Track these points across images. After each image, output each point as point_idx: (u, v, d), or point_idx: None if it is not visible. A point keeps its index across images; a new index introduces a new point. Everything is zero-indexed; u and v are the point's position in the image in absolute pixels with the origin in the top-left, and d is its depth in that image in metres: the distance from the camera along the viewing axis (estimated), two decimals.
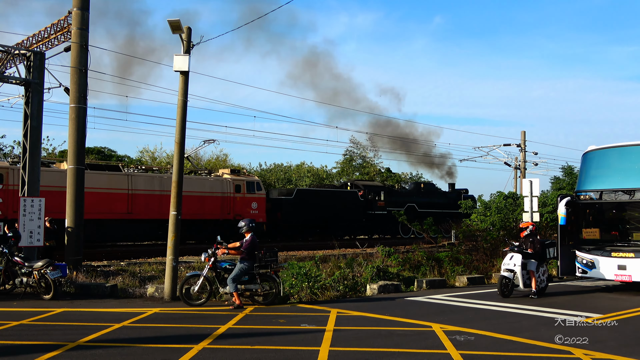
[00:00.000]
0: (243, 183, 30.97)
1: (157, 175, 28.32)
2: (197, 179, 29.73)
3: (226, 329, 9.95)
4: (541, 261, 14.48)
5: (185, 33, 13.84)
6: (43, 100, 17.26)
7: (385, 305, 12.93)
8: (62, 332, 9.66)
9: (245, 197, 30.80)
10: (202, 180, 29.67)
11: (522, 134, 43.50)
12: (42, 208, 16.24)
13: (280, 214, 32.75)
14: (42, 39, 18.43)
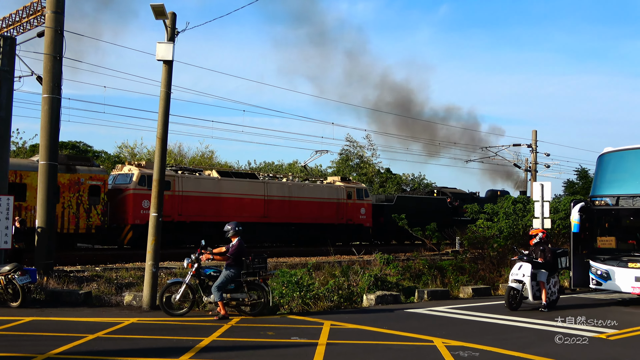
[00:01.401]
0: (354, 190, 37.07)
1: (287, 182, 34.75)
2: (317, 186, 35.84)
3: (210, 342, 9.94)
4: (552, 271, 14.52)
5: (170, 19, 13.82)
6: (13, 90, 17.17)
7: (383, 317, 12.94)
8: (31, 343, 9.62)
9: (355, 203, 36.80)
10: (322, 188, 35.77)
11: (533, 133, 43.68)
12: (10, 207, 16.14)
13: (382, 218, 37.84)
14: (13, 23, 18.36)
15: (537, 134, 43.50)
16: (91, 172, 27.56)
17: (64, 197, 26.28)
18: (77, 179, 27.02)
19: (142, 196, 28.13)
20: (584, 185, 51.43)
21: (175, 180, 29.34)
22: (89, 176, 27.31)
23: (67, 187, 26.55)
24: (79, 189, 26.96)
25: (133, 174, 28.71)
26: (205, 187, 30.36)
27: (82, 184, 27.11)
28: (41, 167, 17.21)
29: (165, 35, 13.91)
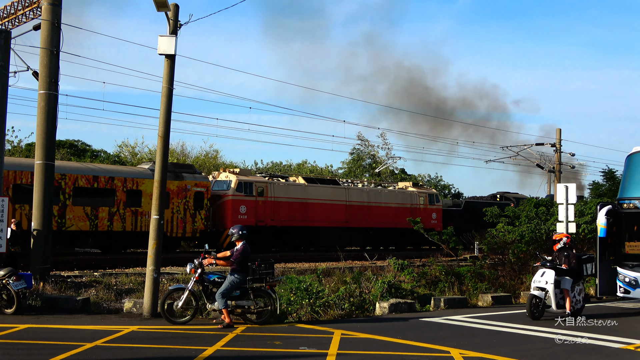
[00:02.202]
0: (426, 195, 40.53)
1: (365, 188, 37.98)
2: (392, 192, 39.14)
3: (214, 351, 9.95)
4: (577, 279, 14.44)
5: (172, 11, 13.87)
6: (8, 85, 17.29)
7: (397, 326, 12.92)
8: (26, 352, 9.68)
9: (427, 208, 39.82)
10: (396, 193, 39.18)
11: (557, 132, 43.48)
12: (4, 209, 16.25)
13: (452, 223, 38.32)
14: (8, 16, 18.47)
15: (561, 133, 43.29)
16: (196, 179, 30.98)
17: (172, 203, 29.63)
18: (184, 186, 30.30)
19: (239, 202, 31.66)
20: (611, 187, 51.15)
21: (268, 187, 32.86)
22: (194, 183, 30.64)
23: (176, 194, 29.90)
24: (186, 195, 30.27)
25: (231, 181, 31.92)
26: (294, 193, 33.93)
27: (189, 190, 30.40)
28: (37, 167, 17.29)
29: (168, 28, 13.96)
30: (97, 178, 27.92)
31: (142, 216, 28.48)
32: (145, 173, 29.21)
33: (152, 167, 27.76)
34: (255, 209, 32.08)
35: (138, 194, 28.63)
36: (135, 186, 28.64)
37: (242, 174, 32.60)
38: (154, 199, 14.02)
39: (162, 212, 13.92)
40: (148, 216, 25.65)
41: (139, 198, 28.65)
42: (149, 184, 27.23)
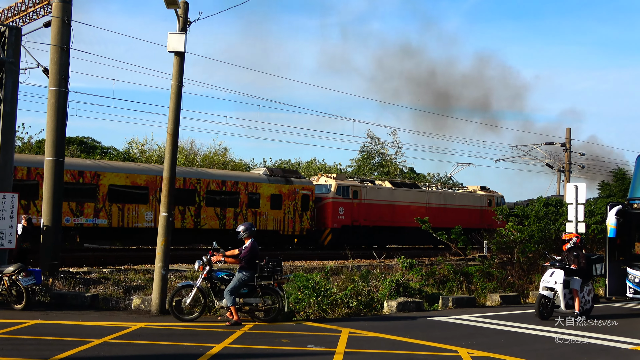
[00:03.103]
0: (493, 198, 43.49)
1: (441, 191, 41.50)
2: (464, 194, 42.38)
3: (221, 349, 9.96)
4: (586, 279, 14.37)
5: (182, 8, 13.89)
6: (18, 82, 17.34)
7: (405, 325, 12.90)
8: (35, 348, 9.72)
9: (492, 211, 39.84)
10: (468, 196, 42.45)
11: (567, 131, 43.30)
12: (14, 205, 16.31)
13: None
14: (19, 13, 18.55)
15: (571, 132, 43.10)
16: (302, 183, 34.96)
17: (284, 205, 33.54)
18: (293, 189, 34.07)
19: (338, 204, 35.26)
20: (622, 187, 50.84)
21: (362, 190, 36.44)
22: (302, 187, 34.49)
23: (287, 197, 33.67)
24: (295, 197, 33.98)
25: (331, 185, 35.54)
26: (383, 196, 37.58)
27: (297, 193, 34.15)
28: (47, 163, 17.36)
29: (177, 25, 13.98)
30: (225, 183, 31.81)
31: (260, 216, 32.65)
32: (261, 178, 33.43)
33: (266, 172, 34.40)
34: (351, 210, 35.44)
35: (257, 196, 32.64)
36: (254, 189, 32.60)
37: (339, 179, 36.69)
38: (163, 196, 14.03)
39: (170, 210, 13.93)
40: (265, 216, 32.53)
41: (258, 200, 32.68)
42: (265, 188, 32.84)
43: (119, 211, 28.15)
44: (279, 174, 34.65)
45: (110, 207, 27.89)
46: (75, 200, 26.81)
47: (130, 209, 28.52)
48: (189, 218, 30.15)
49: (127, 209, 28.40)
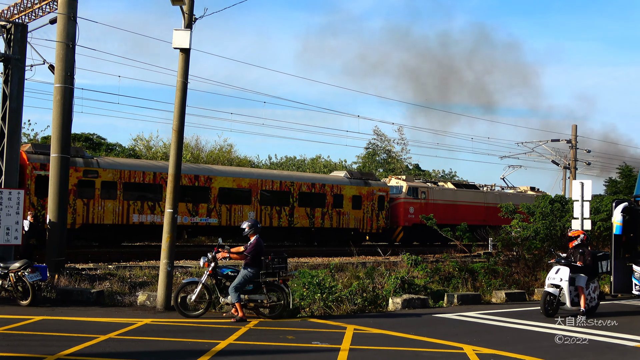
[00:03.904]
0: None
1: (496, 191, 44.33)
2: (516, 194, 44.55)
3: (226, 345, 9.98)
4: (592, 276, 14.33)
5: (187, 4, 13.87)
6: (24, 79, 17.37)
7: (410, 322, 12.89)
8: (41, 343, 9.75)
9: None
10: (520, 196, 44.01)
11: (573, 128, 43.22)
12: (20, 201, 16.36)
13: None
14: (25, 9, 18.59)
15: (577, 129, 42.98)
16: (379, 185, 38.50)
17: (364, 205, 37.10)
18: (371, 190, 37.60)
19: (409, 204, 38.87)
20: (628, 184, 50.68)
21: (429, 191, 40.14)
22: (378, 188, 37.99)
23: (366, 197, 37.24)
24: (372, 198, 37.50)
25: (402, 186, 39.20)
26: (447, 196, 40.85)
27: (374, 194, 37.70)
28: (53, 160, 17.41)
29: (183, 21, 13.97)
30: (314, 185, 35.47)
31: (343, 215, 36.14)
32: (343, 180, 37.09)
33: (347, 175, 38.19)
34: (420, 210, 38.04)
35: (340, 197, 36.11)
36: (339, 191, 36.12)
37: (408, 180, 40.31)
38: (168, 192, 14.04)
39: (175, 206, 13.95)
40: (347, 215, 36.21)
41: (341, 201, 36.12)
42: (347, 189, 36.52)
43: (227, 211, 31.80)
44: (357, 177, 38.31)
45: (220, 207, 31.49)
46: (191, 202, 30.42)
47: (236, 209, 32.12)
48: (284, 217, 33.84)
49: (233, 209, 32.05)
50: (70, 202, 25.60)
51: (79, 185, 27.27)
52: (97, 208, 27.98)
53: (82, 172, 27.50)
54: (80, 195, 27.43)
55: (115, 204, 28.46)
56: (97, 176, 28.01)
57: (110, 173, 28.46)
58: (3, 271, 13.83)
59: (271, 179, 33.82)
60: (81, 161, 27.72)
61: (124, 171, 28.91)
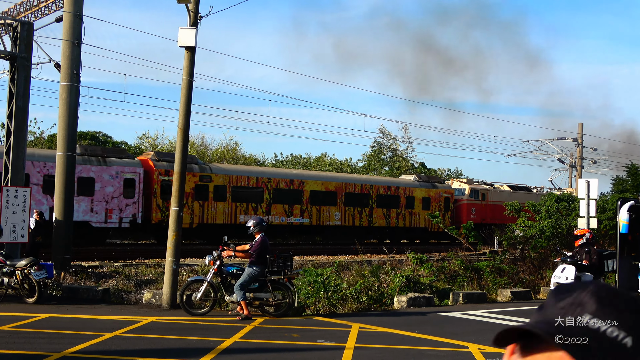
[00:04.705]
0: None
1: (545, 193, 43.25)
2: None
3: (232, 343, 9.99)
4: (598, 275, 14.29)
5: (192, 3, 13.88)
6: (30, 77, 17.43)
7: (415, 320, 12.89)
8: (47, 341, 9.78)
9: None
10: None
11: (579, 126, 43.09)
12: (27, 199, 16.42)
13: None
14: (31, 8, 18.64)
15: (583, 127, 42.86)
16: (444, 187, 41.19)
17: (432, 206, 39.56)
18: (438, 192, 40.32)
19: (471, 205, 41.53)
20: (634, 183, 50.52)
21: (488, 193, 42.81)
22: (444, 190, 40.70)
23: (434, 199, 39.96)
24: (439, 199, 40.18)
25: (465, 188, 41.94)
26: (504, 197, 41.95)
27: (441, 196, 40.26)
28: (59, 158, 17.45)
29: (188, 20, 13.98)
30: (389, 187, 38.39)
31: (414, 215, 39.00)
32: (414, 183, 39.85)
33: (416, 178, 40.84)
34: (480, 210, 41.53)
35: (412, 199, 38.91)
36: (410, 193, 38.95)
37: (469, 183, 42.93)
38: (174, 190, 14.06)
39: (181, 204, 13.97)
40: (418, 215, 38.82)
41: (413, 202, 38.95)
42: (417, 191, 39.29)
43: (317, 212, 34.86)
44: (425, 180, 40.87)
45: (311, 208, 34.55)
46: (287, 204, 33.52)
47: (324, 210, 35.15)
48: (364, 217, 36.72)
49: (322, 210, 35.08)
50: (189, 204, 29.70)
51: (195, 189, 30.45)
52: (211, 209, 31.14)
53: (198, 177, 30.64)
54: (197, 198, 30.55)
55: (225, 205, 31.63)
56: (210, 181, 31.19)
57: (221, 178, 31.56)
58: (9, 269, 13.87)
59: (353, 182, 37.07)
60: (197, 167, 30.83)
61: (232, 176, 32.11)
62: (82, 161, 26.70)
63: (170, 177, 26.54)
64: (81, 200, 26.73)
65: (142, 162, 29.62)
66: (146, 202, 29.34)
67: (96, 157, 27.92)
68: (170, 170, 26.55)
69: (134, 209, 28.66)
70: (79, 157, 25.28)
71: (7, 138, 17.37)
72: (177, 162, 14.12)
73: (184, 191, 14.14)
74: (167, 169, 28.84)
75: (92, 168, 27.51)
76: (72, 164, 17.63)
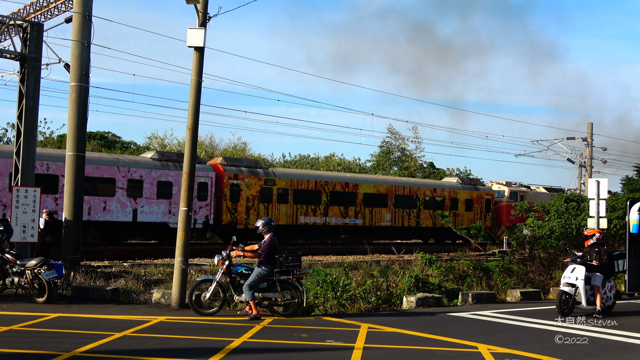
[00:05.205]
0: None
1: None
2: None
3: (241, 343, 9.99)
4: (608, 275, 14.22)
5: (201, 3, 13.90)
6: (40, 78, 17.51)
7: (424, 320, 12.85)
8: (56, 341, 9.81)
9: None
10: None
11: (588, 126, 42.90)
12: (37, 199, 16.49)
13: None
14: (41, 8, 18.71)
15: (593, 127, 42.67)
16: (485, 190, 43.19)
17: (474, 207, 41.89)
18: (480, 194, 42.37)
19: (510, 206, 41.89)
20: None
21: (526, 195, 44.19)
22: (485, 192, 42.80)
23: (476, 201, 42.01)
24: (481, 201, 42.29)
25: (504, 190, 43.64)
26: (540, 199, 41.37)
27: (482, 198, 42.46)
28: (68, 158, 17.51)
29: (197, 20, 14.00)
30: (435, 190, 40.55)
31: (458, 216, 40.82)
32: (457, 186, 41.96)
33: (459, 180, 42.78)
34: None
35: (456, 201, 41.27)
36: (455, 195, 41.30)
37: (508, 185, 44.46)
38: (183, 190, 14.08)
39: (190, 204, 13.99)
40: (462, 217, 40.65)
41: (457, 203, 41.29)
42: (461, 194, 41.56)
43: (370, 213, 36.87)
44: (467, 182, 42.89)
45: (364, 210, 36.57)
46: (342, 205, 35.75)
47: (375, 211, 37.15)
48: (412, 218, 38.90)
49: (374, 211, 37.10)
50: (255, 206, 32.41)
51: (261, 192, 32.90)
52: (274, 211, 33.36)
53: (263, 180, 33.05)
54: (262, 200, 32.89)
55: (287, 207, 33.90)
56: (274, 184, 33.48)
57: (283, 181, 33.90)
58: (19, 269, 13.93)
59: (402, 185, 39.16)
60: (262, 172, 33.38)
61: (293, 179, 34.38)
62: (161, 166, 29.43)
63: (238, 181, 31.82)
64: (160, 203, 29.22)
65: (213, 166, 31.95)
66: (217, 204, 31.54)
67: (172, 162, 30.02)
68: (240, 175, 31.95)
69: (207, 210, 30.93)
70: (157, 162, 29.64)
71: (17, 138, 17.46)
72: (186, 162, 14.14)
73: (192, 191, 14.13)
74: (236, 173, 31.95)
75: (170, 173, 29.63)
76: (82, 164, 17.68)
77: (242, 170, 32.46)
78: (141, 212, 28.52)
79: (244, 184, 32.13)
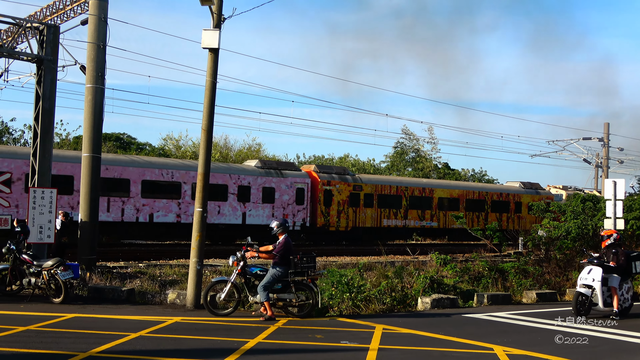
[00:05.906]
0: None
1: None
2: None
3: (255, 344, 10.01)
4: (625, 276, 14.09)
5: (216, 4, 13.93)
6: (56, 80, 17.64)
7: (439, 322, 12.81)
8: (73, 341, 9.87)
9: None
10: None
11: (605, 126, 42.57)
12: (53, 200, 16.60)
13: None
14: (57, 11, 18.84)
15: (609, 127, 42.34)
16: (546, 193, 45.09)
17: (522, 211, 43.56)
18: (541, 198, 42.61)
19: None
20: None
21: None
22: (545, 196, 43.88)
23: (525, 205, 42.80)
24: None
25: (562, 194, 44.58)
26: None
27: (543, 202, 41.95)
28: (84, 159, 17.62)
29: (211, 21, 14.03)
30: (501, 194, 42.61)
31: (522, 219, 42.53)
32: (520, 190, 43.93)
33: (521, 185, 44.37)
34: None
35: (519, 204, 43.30)
36: (518, 199, 43.31)
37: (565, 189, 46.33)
38: (198, 191, 14.11)
39: (205, 205, 14.01)
40: (525, 219, 41.82)
41: (520, 207, 43.24)
42: (524, 197, 43.31)
43: (443, 216, 39.36)
44: (529, 187, 44.46)
45: (439, 213, 39.16)
46: (420, 209, 38.32)
47: (449, 215, 38.72)
48: (481, 221, 40.32)
49: (447, 215, 39.04)
50: (345, 210, 35.12)
51: (350, 197, 35.44)
52: (361, 214, 35.95)
53: (352, 186, 35.65)
54: (351, 205, 35.44)
55: (373, 211, 36.49)
56: (361, 189, 36.06)
57: (369, 187, 36.46)
58: (36, 269, 14.04)
59: (472, 190, 41.88)
60: (350, 178, 36.05)
61: (377, 185, 36.98)
62: (265, 174, 32.58)
63: (330, 187, 34.69)
64: (265, 207, 32.35)
65: (308, 173, 34.75)
66: (312, 208, 34.33)
67: (273, 170, 33.16)
68: (332, 181, 34.85)
69: (304, 214, 33.91)
70: (261, 170, 32.81)
71: (33, 140, 17.59)
72: (201, 163, 14.17)
73: (208, 192, 14.17)
74: (328, 180, 34.77)
75: (272, 179, 32.75)
76: (97, 165, 17.79)
77: (334, 176, 35.18)
78: (249, 215, 31.64)
79: (336, 189, 34.86)
